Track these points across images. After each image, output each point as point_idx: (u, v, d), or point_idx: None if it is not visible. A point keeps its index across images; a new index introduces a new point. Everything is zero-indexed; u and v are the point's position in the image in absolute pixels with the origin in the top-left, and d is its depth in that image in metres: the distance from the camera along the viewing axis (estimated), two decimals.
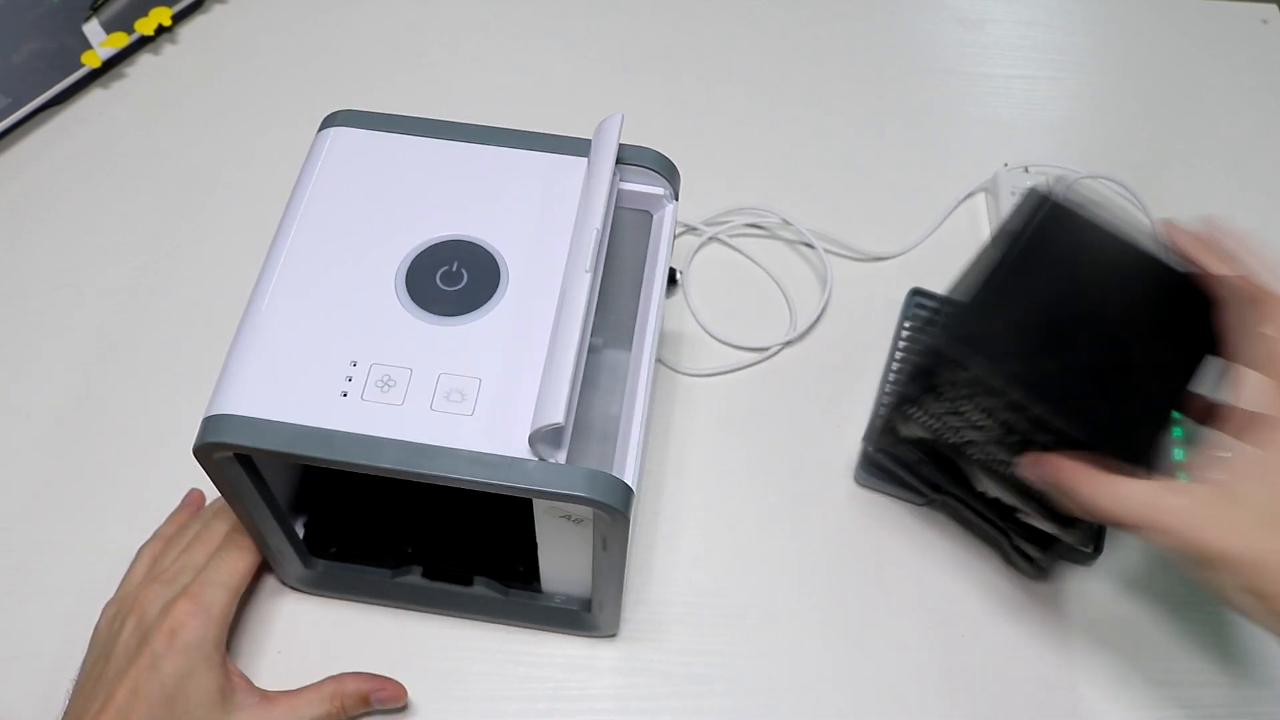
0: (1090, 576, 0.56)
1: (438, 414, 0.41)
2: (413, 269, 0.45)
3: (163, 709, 0.44)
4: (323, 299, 0.44)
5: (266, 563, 0.51)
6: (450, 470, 0.39)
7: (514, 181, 0.48)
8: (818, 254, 0.67)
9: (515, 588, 0.53)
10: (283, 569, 0.53)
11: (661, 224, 0.50)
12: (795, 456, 0.59)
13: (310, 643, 0.53)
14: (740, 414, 0.61)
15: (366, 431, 0.40)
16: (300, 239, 0.46)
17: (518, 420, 0.40)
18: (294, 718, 0.47)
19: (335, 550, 0.53)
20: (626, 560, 0.46)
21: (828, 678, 0.53)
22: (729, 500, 0.58)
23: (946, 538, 0.57)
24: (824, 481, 0.58)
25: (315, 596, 0.54)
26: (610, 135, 0.47)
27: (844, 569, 0.56)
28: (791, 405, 0.61)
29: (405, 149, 0.49)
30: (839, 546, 0.57)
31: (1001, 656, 0.54)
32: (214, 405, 0.41)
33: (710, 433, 0.60)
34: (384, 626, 0.54)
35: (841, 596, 0.55)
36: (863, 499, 0.58)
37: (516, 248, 0.46)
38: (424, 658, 0.53)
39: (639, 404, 0.45)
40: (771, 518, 0.57)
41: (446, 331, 0.43)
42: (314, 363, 0.42)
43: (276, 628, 0.53)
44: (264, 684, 0.49)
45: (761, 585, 0.55)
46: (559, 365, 0.40)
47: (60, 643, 0.52)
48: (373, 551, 0.53)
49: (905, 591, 0.55)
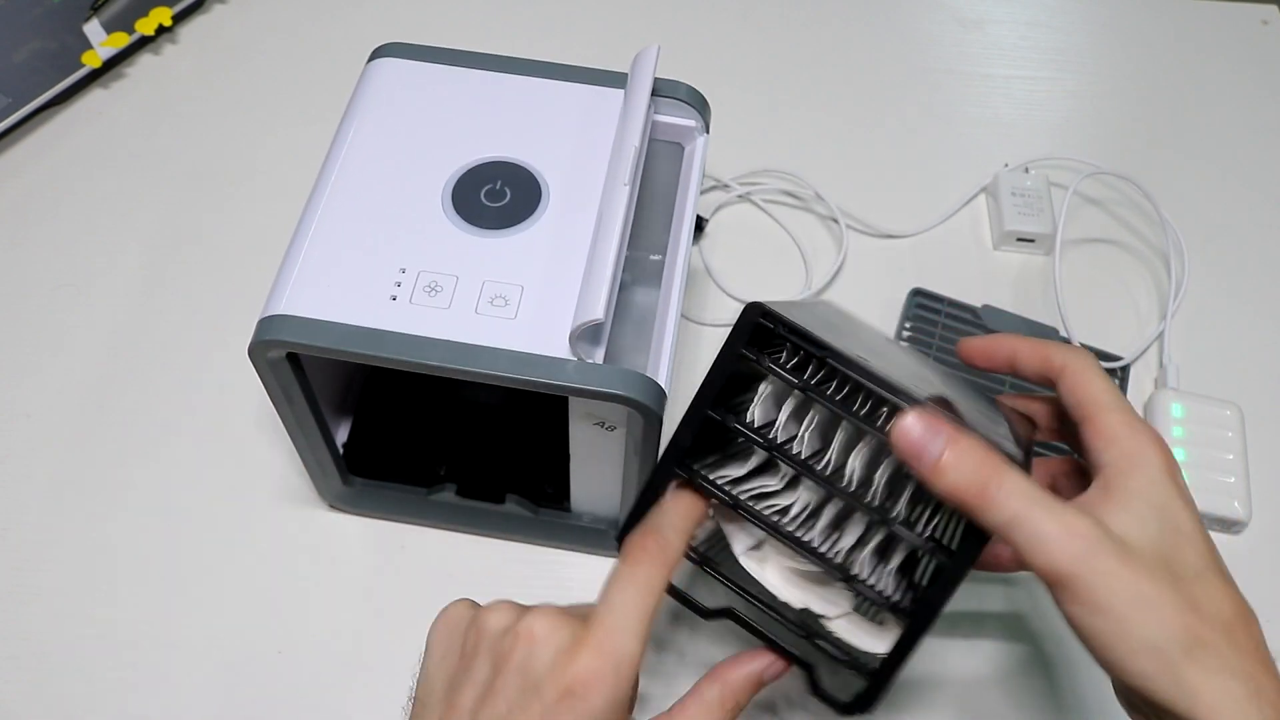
0: None
1: (482, 317, 0.43)
2: (458, 186, 0.47)
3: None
4: (372, 212, 0.46)
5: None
6: (494, 368, 0.41)
7: (554, 110, 0.50)
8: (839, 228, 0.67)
9: (546, 507, 0.55)
10: (323, 486, 0.55)
11: (694, 155, 0.52)
12: None
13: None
14: None
15: (414, 332, 0.42)
16: (351, 159, 0.48)
17: (558, 324, 0.43)
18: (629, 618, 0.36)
19: (373, 468, 0.55)
20: None
21: None
22: None
23: None
24: None
25: (354, 515, 0.56)
26: (647, 65, 0.49)
27: None
28: None
29: (449, 79, 0.52)
30: None
31: (1001, 656, 0.54)
32: (269, 307, 0.43)
33: None
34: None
35: None
36: None
37: (556, 169, 0.48)
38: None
39: (672, 308, 0.46)
40: None
41: (490, 243, 0.45)
42: (364, 269, 0.44)
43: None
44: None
45: None
46: (599, 267, 0.43)
47: (60, 643, 0.52)
48: (409, 470, 0.55)
49: None
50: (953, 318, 0.64)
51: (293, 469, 0.57)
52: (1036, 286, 0.67)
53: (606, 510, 0.54)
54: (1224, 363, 0.64)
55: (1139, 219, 0.71)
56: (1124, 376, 0.62)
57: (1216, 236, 0.70)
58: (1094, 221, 0.70)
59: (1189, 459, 0.58)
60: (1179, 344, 0.64)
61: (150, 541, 0.55)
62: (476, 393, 0.56)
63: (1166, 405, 0.60)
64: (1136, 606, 0.33)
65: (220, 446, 0.58)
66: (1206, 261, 0.68)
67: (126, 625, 0.53)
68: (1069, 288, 0.65)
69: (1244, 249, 0.70)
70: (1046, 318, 0.64)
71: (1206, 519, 0.57)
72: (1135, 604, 0.33)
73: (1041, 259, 0.68)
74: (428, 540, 0.56)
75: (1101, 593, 0.33)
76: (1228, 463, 0.58)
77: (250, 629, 0.53)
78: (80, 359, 0.61)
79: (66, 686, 0.51)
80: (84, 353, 0.61)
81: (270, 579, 0.54)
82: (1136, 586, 0.34)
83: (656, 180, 0.54)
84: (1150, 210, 0.69)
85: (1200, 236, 0.69)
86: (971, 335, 0.63)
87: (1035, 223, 0.67)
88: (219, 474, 0.57)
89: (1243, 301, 0.67)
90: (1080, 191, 0.71)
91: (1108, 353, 0.63)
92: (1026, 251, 0.68)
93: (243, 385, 0.59)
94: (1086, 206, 0.71)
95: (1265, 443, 0.61)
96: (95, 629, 0.52)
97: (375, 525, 0.56)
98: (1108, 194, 0.72)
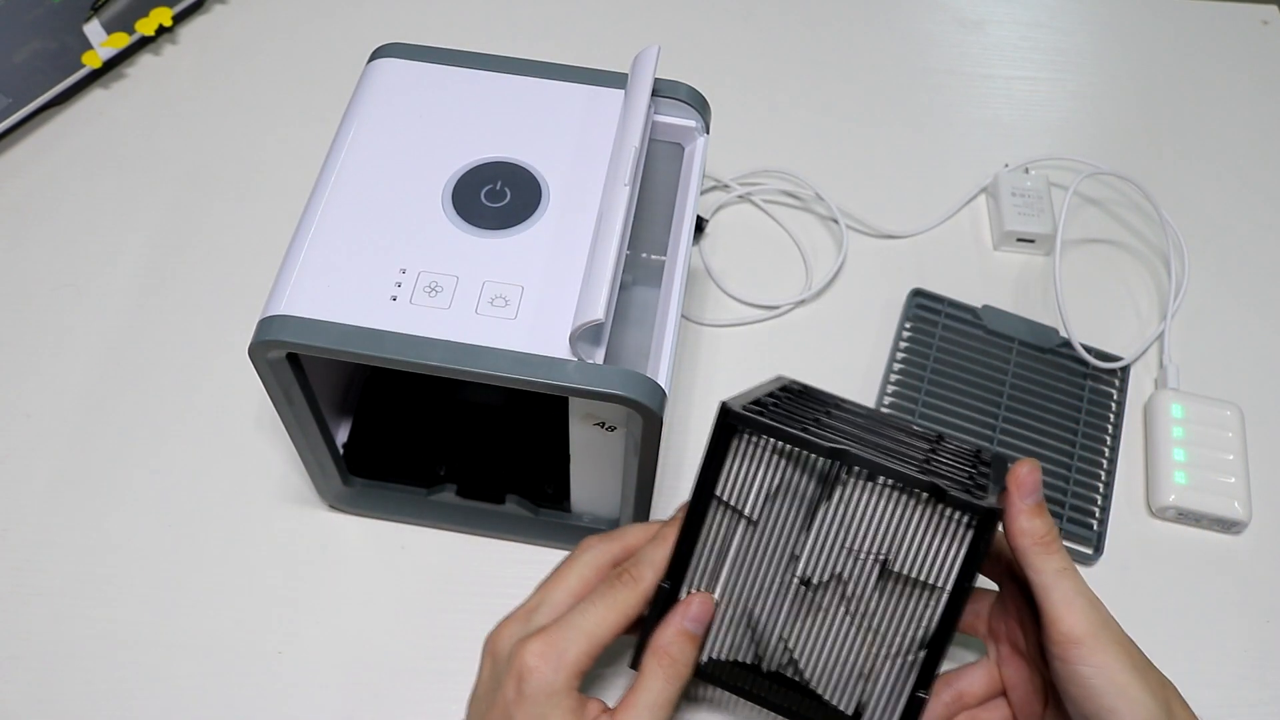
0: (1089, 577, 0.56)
1: (482, 317, 0.43)
2: (458, 187, 0.47)
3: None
4: (372, 212, 0.46)
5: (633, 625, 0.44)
6: (494, 368, 0.41)
7: (554, 110, 0.50)
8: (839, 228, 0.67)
9: (546, 508, 0.55)
10: (323, 486, 0.54)
11: (694, 155, 0.52)
12: None
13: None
14: (751, 367, 0.62)
15: (415, 332, 0.42)
16: (351, 159, 0.48)
17: (558, 324, 0.43)
18: (649, 712, 0.41)
19: (373, 468, 0.55)
20: (654, 480, 0.48)
21: None
22: None
23: None
24: None
25: (354, 515, 0.56)
26: (647, 65, 0.49)
27: None
28: (802, 363, 0.62)
29: (450, 80, 0.51)
30: None
31: None
32: (269, 307, 0.43)
33: (721, 382, 0.61)
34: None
35: None
36: None
37: (556, 169, 0.48)
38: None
39: (673, 308, 0.46)
40: None
41: (490, 243, 0.45)
42: (364, 269, 0.44)
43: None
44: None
45: None
46: (599, 267, 0.43)
47: (60, 643, 0.52)
48: (409, 470, 0.55)
49: None
50: (953, 318, 0.64)
51: (293, 469, 0.57)
52: (1037, 287, 0.67)
53: (606, 510, 0.54)
54: (1224, 363, 0.64)
55: (1139, 219, 0.71)
56: (1124, 377, 0.62)
57: (1217, 237, 0.70)
58: (1094, 222, 0.70)
59: (1189, 459, 0.58)
60: (1179, 344, 0.64)
61: (150, 541, 0.55)
62: (476, 393, 0.56)
63: (1166, 406, 0.60)
64: (1132, 675, 0.40)
65: (220, 446, 0.58)
66: (1207, 262, 0.68)
67: (126, 625, 0.53)
68: (1069, 288, 0.65)
69: (1244, 249, 0.70)
70: (1047, 318, 0.64)
71: (1206, 519, 0.57)
72: (1130, 671, 0.40)
73: (1042, 259, 0.68)
74: (428, 540, 0.56)
75: (1109, 658, 0.40)
76: (1228, 463, 0.58)
77: (250, 629, 0.53)
78: (80, 359, 0.61)
79: (66, 686, 0.51)
80: (84, 353, 0.61)
81: (270, 579, 0.54)
82: (1130, 661, 0.41)
83: (657, 180, 0.54)
84: (1150, 211, 0.69)
85: (1200, 237, 0.69)
86: (972, 336, 0.63)
87: (1035, 223, 0.67)
88: (219, 474, 0.57)
89: (1243, 302, 0.67)
90: (1080, 192, 0.71)
91: (1108, 353, 0.63)
92: (1027, 252, 0.68)
93: (243, 385, 0.59)
94: (1087, 207, 0.71)
95: (1265, 443, 0.61)
96: (95, 629, 0.52)
97: (375, 525, 0.56)
98: (1108, 194, 0.72)
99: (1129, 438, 0.61)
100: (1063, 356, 0.63)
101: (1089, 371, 0.62)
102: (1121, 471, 0.60)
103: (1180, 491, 0.57)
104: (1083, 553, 0.56)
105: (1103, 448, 0.60)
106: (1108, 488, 0.59)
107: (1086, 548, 0.56)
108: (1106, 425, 0.61)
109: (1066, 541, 0.56)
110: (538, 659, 0.40)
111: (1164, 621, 0.55)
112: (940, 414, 0.60)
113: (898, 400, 0.60)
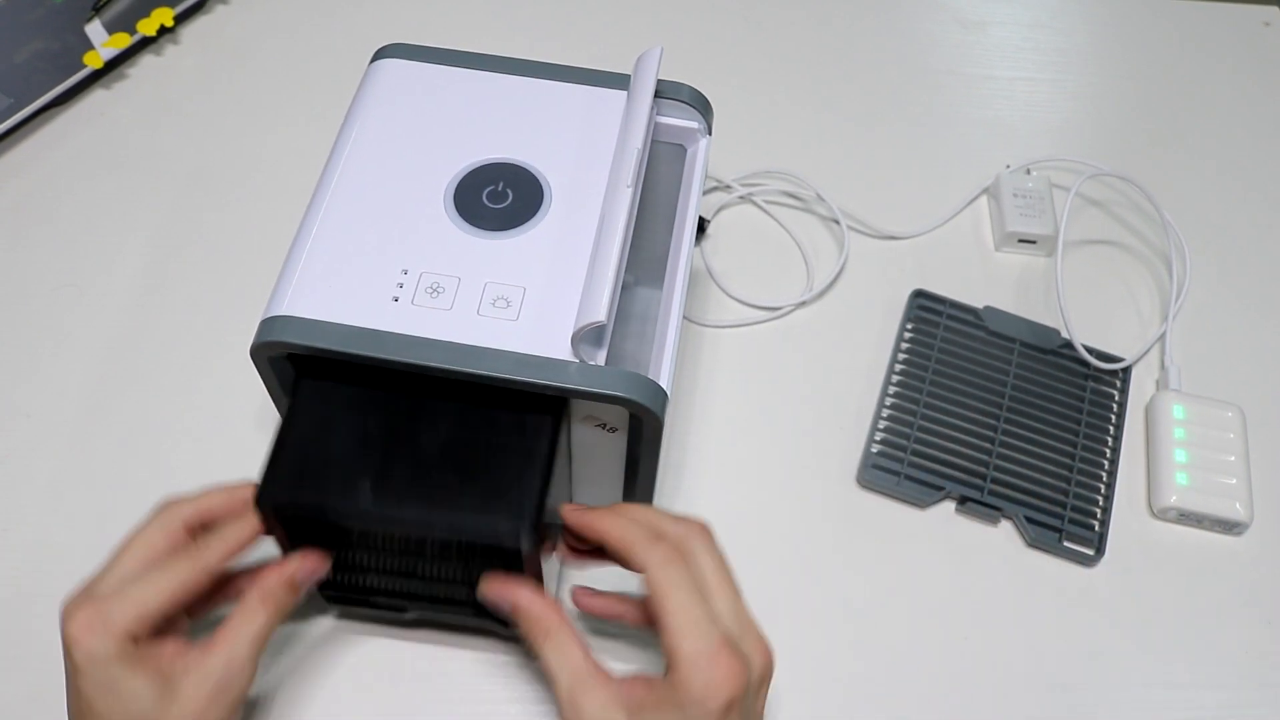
0: (1091, 579, 0.56)
1: (484, 319, 0.43)
2: (460, 188, 0.47)
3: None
4: (374, 213, 0.46)
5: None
6: (496, 369, 0.41)
7: (556, 111, 0.50)
8: (841, 229, 0.67)
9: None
10: None
11: (696, 157, 0.52)
12: (798, 448, 0.59)
13: None
14: (752, 368, 0.62)
15: (416, 333, 0.42)
16: (353, 160, 0.48)
17: (560, 326, 0.43)
18: (236, 648, 0.42)
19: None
20: (655, 481, 0.48)
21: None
22: (740, 447, 0.58)
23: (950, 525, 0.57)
24: (825, 483, 0.59)
25: None
26: (650, 66, 0.49)
27: (849, 554, 0.56)
28: (804, 364, 0.62)
29: (452, 80, 0.51)
30: (842, 541, 0.57)
31: (1002, 659, 0.54)
32: (271, 308, 0.43)
33: (722, 383, 0.61)
34: None
35: (847, 580, 0.55)
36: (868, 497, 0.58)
37: (559, 170, 0.48)
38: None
39: (674, 309, 0.46)
40: (765, 513, 0.57)
41: (492, 245, 0.45)
42: (366, 270, 0.44)
43: None
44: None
45: (770, 543, 0.55)
46: (601, 269, 0.43)
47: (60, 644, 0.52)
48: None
49: (908, 582, 0.55)
50: (954, 319, 0.64)
51: None
52: (1038, 288, 0.67)
53: None
54: (1226, 364, 0.64)
55: (1141, 220, 0.71)
56: (1126, 378, 0.62)
57: (1218, 238, 0.70)
58: (1096, 223, 0.70)
59: (1190, 460, 0.58)
60: (1180, 345, 0.64)
61: None
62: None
63: (1168, 407, 0.60)
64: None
65: (220, 447, 0.58)
66: (1208, 263, 0.68)
67: None
68: (1071, 289, 0.65)
69: (1246, 250, 0.70)
70: (1048, 319, 0.64)
71: (1208, 521, 0.57)
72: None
73: (1043, 260, 0.68)
74: None
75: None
76: (1229, 464, 0.58)
77: None
78: (80, 359, 0.61)
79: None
80: (84, 353, 0.61)
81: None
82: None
83: (659, 182, 0.54)
84: (1152, 212, 0.69)
85: (1202, 238, 0.69)
86: (973, 337, 0.63)
87: (1037, 224, 0.67)
88: (219, 474, 0.57)
89: (1245, 303, 0.67)
90: (1082, 193, 0.71)
91: (1110, 354, 0.63)
92: (1028, 253, 0.68)
93: (243, 385, 0.59)
94: (1088, 208, 0.71)
95: (1267, 444, 0.61)
96: None
97: None
98: (1109, 195, 0.72)
99: (1130, 439, 0.61)
100: (1064, 357, 0.63)
101: (1090, 372, 0.62)
102: (1123, 473, 0.59)
103: (1182, 493, 0.57)
104: (1084, 554, 0.56)
105: (1104, 449, 0.60)
106: (1109, 489, 0.58)
107: (1088, 549, 0.56)
108: (1108, 426, 0.61)
109: (1067, 542, 0.56)
110: (82, 629, 0.41)
111: (1165, 623, 0.55)
112: (941, 415, 0.60)
113: (899, 401, 0.60)
